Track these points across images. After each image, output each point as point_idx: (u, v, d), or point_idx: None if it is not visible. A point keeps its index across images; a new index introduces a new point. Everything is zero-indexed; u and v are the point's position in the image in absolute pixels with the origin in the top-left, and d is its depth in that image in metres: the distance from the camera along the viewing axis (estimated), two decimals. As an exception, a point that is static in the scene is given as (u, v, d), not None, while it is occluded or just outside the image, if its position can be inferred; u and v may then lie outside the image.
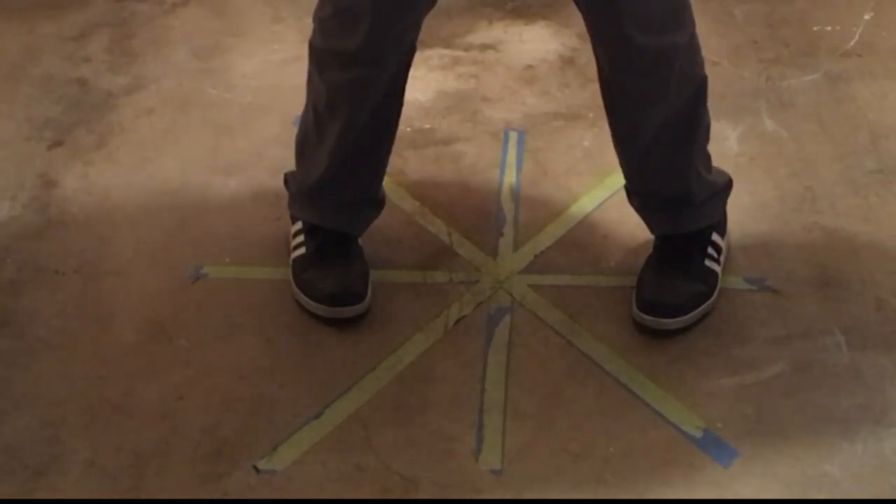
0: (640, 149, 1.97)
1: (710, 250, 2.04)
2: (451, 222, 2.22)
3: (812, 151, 2.38)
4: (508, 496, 1.76)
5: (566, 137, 2.43)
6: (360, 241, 2.10)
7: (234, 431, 1.85)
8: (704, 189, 2.01)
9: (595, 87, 1.96)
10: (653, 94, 1.89)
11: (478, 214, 2.24)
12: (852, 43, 2.69)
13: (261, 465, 1.80)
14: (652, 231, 2.07)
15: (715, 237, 2.05)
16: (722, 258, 2.07)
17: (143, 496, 1.76)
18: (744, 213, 2.20)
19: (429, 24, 1.95)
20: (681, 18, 1.85)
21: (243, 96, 2.57)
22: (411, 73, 1.95)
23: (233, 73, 2.64)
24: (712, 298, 2.01)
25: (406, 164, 2.35)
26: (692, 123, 1.95)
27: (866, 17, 2.77)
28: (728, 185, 2.08)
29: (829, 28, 2.74)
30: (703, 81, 1.93)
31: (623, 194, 2.09)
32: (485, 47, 2.70)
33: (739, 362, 1.94)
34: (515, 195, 2.28)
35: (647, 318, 1.97)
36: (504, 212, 2.25)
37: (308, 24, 1.93)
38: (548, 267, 2.13)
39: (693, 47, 1.90)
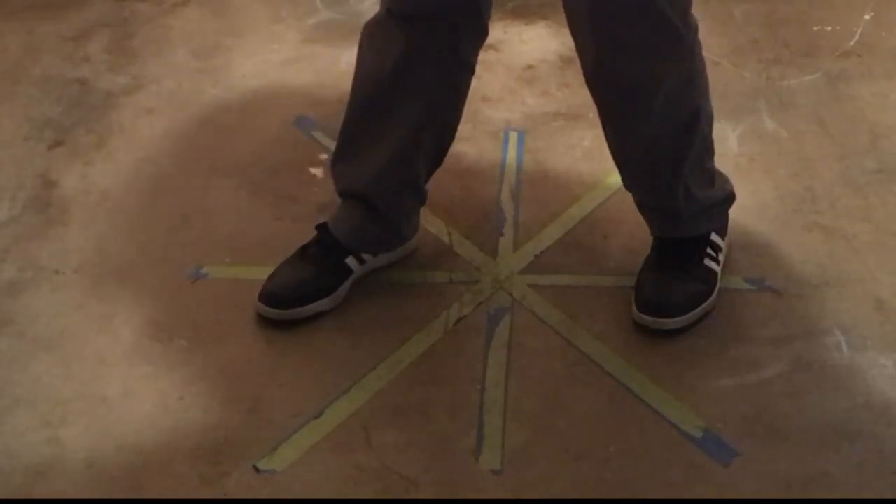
0: (627, 160, 1.98)
1: (710, 250, 2.04)
2: (451, 222, 2.22)
3: (812, 151, 2.37)
4: (508, 496, 1.76)
5: (566, 137, 2.43)
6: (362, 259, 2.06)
7: (234, 431, 1.85)
8: (694, 205, 1.99)
9: (595, 87, 1.97)
10: (632, 116, 1.89)
11: (478, 214, 2.24)
12: (852, 43, 2.69)
13: (261, 465, 1.80)
14: (651, 231, 2.07)
15: (714, 237, 2.05)
16: (721, 258, 2.07)
17: (143, 496, 1.76)
18: (744, 213, 2.20)
19: (429, 24, 1.95)
20: (672, 50, 1.83)
21: (243, 96, 2.57)
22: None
23: (233, 73, 2.64)
24: (712, 298, 2.01)
25: (406, 164, 2.34)
26: (681, 149, 1.93)
27: (866, 17, 2.77)
28: (727, 198, 2.07)
29: (829, 28, 2.74)
30: (695, 112, 1.91)
31: (623, 194, 2.09)
32: (485, 47, 2.68)
33: (739, 362, 1.94)
34: (515, 195, 2.28)
35: (647, 318, 1.97)
36: (504, 212, 2.25)
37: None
38: (548, 267, 2.13)
39: (687, 80, 1.87)
